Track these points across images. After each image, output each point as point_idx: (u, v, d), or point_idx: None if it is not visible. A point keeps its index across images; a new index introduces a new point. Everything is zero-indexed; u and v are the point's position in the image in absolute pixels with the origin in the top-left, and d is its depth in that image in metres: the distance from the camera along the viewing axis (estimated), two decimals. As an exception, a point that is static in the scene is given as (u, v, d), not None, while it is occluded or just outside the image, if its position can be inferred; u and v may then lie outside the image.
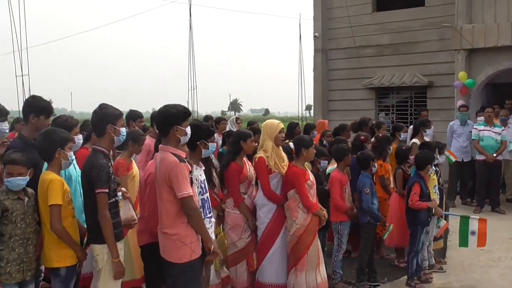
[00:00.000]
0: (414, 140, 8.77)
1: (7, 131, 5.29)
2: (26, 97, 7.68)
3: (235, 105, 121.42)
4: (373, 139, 8.30)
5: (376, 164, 7.13)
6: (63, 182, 4.57)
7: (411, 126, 10.10)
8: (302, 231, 5.93)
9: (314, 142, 6.67)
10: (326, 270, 6.37)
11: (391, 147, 7.86)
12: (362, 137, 8.02)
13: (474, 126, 11.21)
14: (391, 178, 7.82)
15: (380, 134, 8.57)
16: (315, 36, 17.26)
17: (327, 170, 7.31)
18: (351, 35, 16.18)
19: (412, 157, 7.28)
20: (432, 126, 9.51)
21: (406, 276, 7.02)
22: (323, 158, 7.04)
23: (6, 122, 5.21)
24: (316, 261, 6.04)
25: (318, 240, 6.16)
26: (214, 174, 5.90)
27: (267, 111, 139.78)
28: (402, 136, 8.97)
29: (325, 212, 6.19)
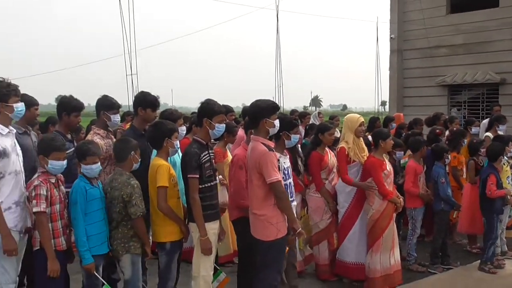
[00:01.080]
0: (487, 133, 8.41)
1: (119, 122, 5.47)
2: (135, 93, 7.97)
3: (315, 101, 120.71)
4: (447, 133, 8.12)
5: (449, 156, 6.96)
6: (170, 167, 4.66)
7: (484, 121, 9.74)
8: (377, 216, 5.88)
9: (392, 135, 6.57)
10: (401, 253, 6.29)
11: (465, 140, 7.61)
12: (437, 131, 7.87)
13: None
14: (464, 169, 7.62)
15: (454, 128, 8.33)
16: (391, 38, 16.99)
17: (401, 162, 7.21)
18: (425, 36, 15.82)
19: (483, 150, 7.04)
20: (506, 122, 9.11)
21: (479, 261, 6.77)
22: (399, 149, 6.95)
23: (118, 114, 5.39)
24: (391, 244, 5.95)
25: (394, 225, 6.07)
26: (300, 162, 5.91)
27: (344, 107, 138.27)
28: (473, 130, 8.65)
29: (401, 199, 6.09)
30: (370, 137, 6.57)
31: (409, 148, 7.08)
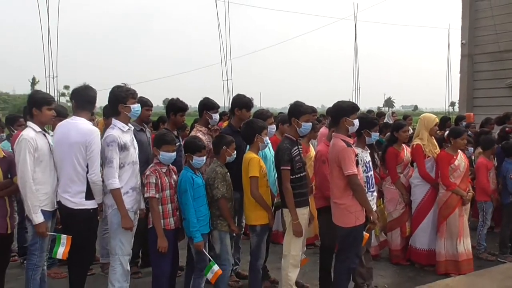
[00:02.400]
0: None
1: (218, 120, 5.57)
2: (230, 96, 8.12)
3: (389, 102, 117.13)
4: None
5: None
6: (260, 160, 4.68)
7: None
8: (441, 204, 5.77)
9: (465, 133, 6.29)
10: (471, 242, 5.97)
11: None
12: (507, 129, 7.46)
13: None
14: None
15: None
16: (462, 43, 16.23)
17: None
18: (495, 41, 14.92)
19: None
20: None
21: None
22: (470, 145, 6.69)
23: (218, 114, 5.50)
24: (457, 232, 5.74)
25: (462, 215, 5.80)
26: (376, 157, 5.78)
27: (415, 107, 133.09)
28: None
29: (470, 193, 5.87)
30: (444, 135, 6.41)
31: (481, 145, 6.73)
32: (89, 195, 4.21)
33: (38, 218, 4.14)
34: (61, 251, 4.13)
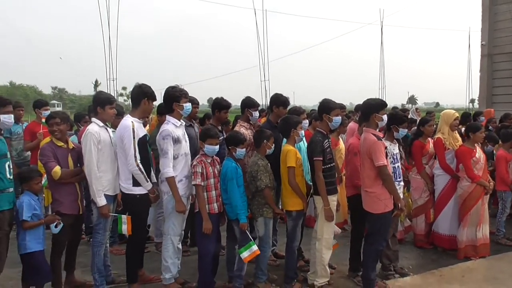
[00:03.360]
0: None
1: (258, 117, 5.55)
2: (268, 96, 8.10)
3: (412, 99, 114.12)
4: None
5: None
6: (296, 151, 4.64)
7: None
8: (466, 195, 5.59)
9: (482, 127, 6.09)
10: (490, 229, 5.84)
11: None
12: None
13: None
14: None
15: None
16: (482, 44, 15.72)
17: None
18: (514, 42, 14.41)
19: None
20: None
21: None
22: (492, 143, 6.47)
23: (257, 111, 5.48)
24: (477, 221, 5.60)
25: (484, 204, 5.66)
26: (401, 149, 5.67)
27: (437, 104, 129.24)
28: None
29: (491, 183, 5.69)
30: (463, 130, 6.20)
31: (500, 139, 6.50)
32: (136, 182, 4.27)
33: (101, 201, 4.26)
34: (125, 228, 4.24)
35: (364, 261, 4.61)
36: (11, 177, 4.06)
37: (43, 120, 6.61)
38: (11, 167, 4.08)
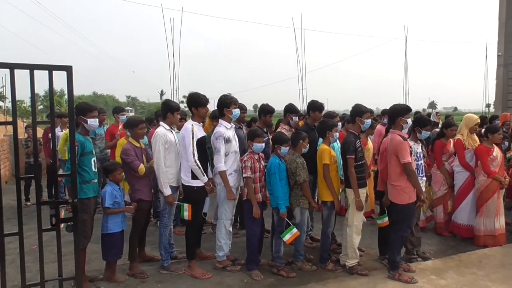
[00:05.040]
0: None
1: (298, 121, 5.49)
2: (305, 102, 7.98)
3: (432, 105, 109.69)
4: None
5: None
6: (331, 150, 4.57)
7: None
8: (482, 189, 5.35)
9: (500, 129, 5.76)
10: (506, 220, 5.54)
11: None
12: None
13: None
14: None
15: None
16: (498, 55, 14.89)
17: (507, 156, 6.32)
18: (528, 52, 13.53)
19: None
20: None
21: None
22: (506, 140, 6.18)
23: (297, 116, 5.43)
24: (495, 212, 5.30)
25: (500, 198, 5.36)
26: (423, 149, 5.45)
27: (455, 108, 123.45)
28: None
29: (507, 179, 5.41)
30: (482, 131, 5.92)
31: (515, 139, 6.14)
32: (194, 176, 4.30)
33: (167, 191, 4.35)
34: (186, 214, 4.31)
35: (390, 245, 4.46)
36: (96, 170, 4.21)
37: (121, 124, 6.86)
38: (95, 162, 4.23)
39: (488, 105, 32.81)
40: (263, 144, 4.50)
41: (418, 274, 4.40)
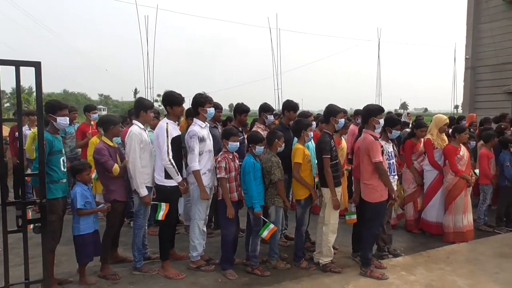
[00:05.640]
0: None
1: (272, 120, 5.50)
2: (280, 102, 8.00)
3: (403, 105, 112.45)
4: None
5: (514, 146, 6.15)
6: (305, 149, 4.60)
7: None
8: (450, 187, 5.51)
9: (467, 129, 5.99)
10: (473, 216, 5.72)
11: (527, 134, 6.68)
12: (502, 126, 7.16)
13: None
14: None
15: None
16: (466, 58, 15.51)
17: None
18: (495, 56, 14.13)
19: None
20: None
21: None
22: (472, 139, 6.29)
23: (272, 115, 5.45)
24: (462, 209, 5.47)
25: (467, 196, 5.54)
26: (395, 148, 5.59)
27: (426, 109, 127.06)
28: None
29: (473, 177, 5.60)
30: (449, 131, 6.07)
31: (482, 139, 6.38)
32: (167, 175, 4.24)
33: (144, 192, 4.28)
34: (161, 214, 4.24)
35: (363, 243, 4.55)
36: (65, 170, 4.09)
37: (93, 122, 6.70)
38: (65, 161, 4.11)
39: (456, 106, 33.94)
40: (238, 143, 4.49)
41: (389, 271, 4.51)
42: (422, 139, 5.88)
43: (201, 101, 4.45)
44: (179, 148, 4.38)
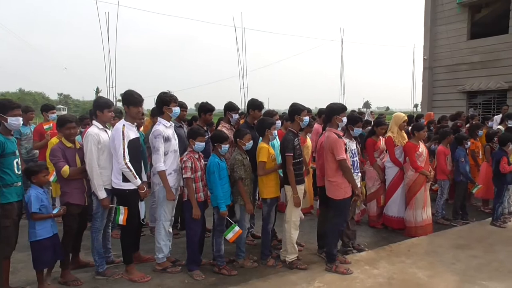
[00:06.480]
0: (499, 126, 7.89)
1: (237, 119, 5.48)
2: (247, 100, 8.03)
3: (367, 104, 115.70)
4: (467, 125, 7.67)
5: (469, 142, 6.47)
6: (269, 148, 4.61)
7: (496, 117, 9.12)
8: (411, 183, 5.68)
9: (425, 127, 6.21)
10: (432, 210, 5.94)
11: (481, 131, 7.02)
12: (458, 124, 7.46)
13: None
14: (481, 152, 7.10)
15: (474, 122, 7.71)
16: (424, 58, 16.14)
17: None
18: (450, 57, 14.82)
19: (496, 138, 6.54)
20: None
21: (490, 218, 6.31)
22: (435, 142, 6.66)
23: (237, 114, 5.42)
24: (422, 204, 5.67)
25: (426, 191, 5.75)
26: (357, 146, 5.72)
27: (387, 108, 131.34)
28: (489, 123, 8.21)
29: (432, 173, 5.81)
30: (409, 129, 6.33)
31: (439, 136, 6.64)
32: (125, 179, 4.10)
33: (102, 194, 4.14)
34: (121, 218, 4.11)
35: (328, 239, 4.63)
36: (19, 172, 3.90)
37: (52, 123, 6.41)
38: (19, 163, 3.91)
39: (416, 105, 35.26)
40: (204, 144, 4.44)
41: (354, 265, 4.61)
42: (383, 137, 6.04)
43: (166, 100, 4.36)
44: (138, 150, 4.22)
